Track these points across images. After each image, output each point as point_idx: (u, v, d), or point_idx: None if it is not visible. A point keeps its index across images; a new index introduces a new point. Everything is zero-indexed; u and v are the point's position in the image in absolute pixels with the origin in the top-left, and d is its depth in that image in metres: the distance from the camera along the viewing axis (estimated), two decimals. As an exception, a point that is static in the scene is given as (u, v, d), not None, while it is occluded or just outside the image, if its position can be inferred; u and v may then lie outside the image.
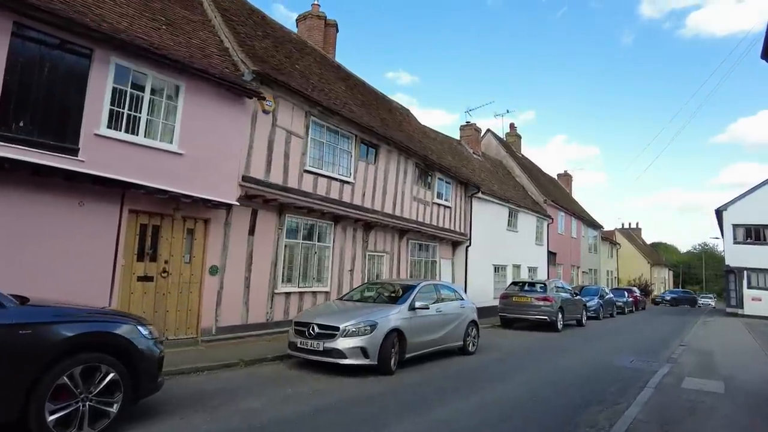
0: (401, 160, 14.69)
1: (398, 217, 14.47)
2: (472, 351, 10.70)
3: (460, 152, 22.46)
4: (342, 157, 12.41)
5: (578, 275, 31.97)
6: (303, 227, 11.82)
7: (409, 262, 16.11)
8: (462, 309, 10.59)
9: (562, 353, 11.51)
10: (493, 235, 20.47)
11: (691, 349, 12.65)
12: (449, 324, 9.99)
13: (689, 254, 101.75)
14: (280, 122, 10.57)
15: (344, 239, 13.07)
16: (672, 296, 46.21)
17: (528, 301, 16.18)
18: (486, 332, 15.37)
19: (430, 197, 16.34)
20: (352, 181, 12.54)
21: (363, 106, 14.64)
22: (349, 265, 13.26)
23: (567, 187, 40.38)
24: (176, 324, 9.18)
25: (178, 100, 8.68)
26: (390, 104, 18.77)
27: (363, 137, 12.98)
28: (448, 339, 9.99)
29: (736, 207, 27.78)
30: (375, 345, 7.93)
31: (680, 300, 45.18)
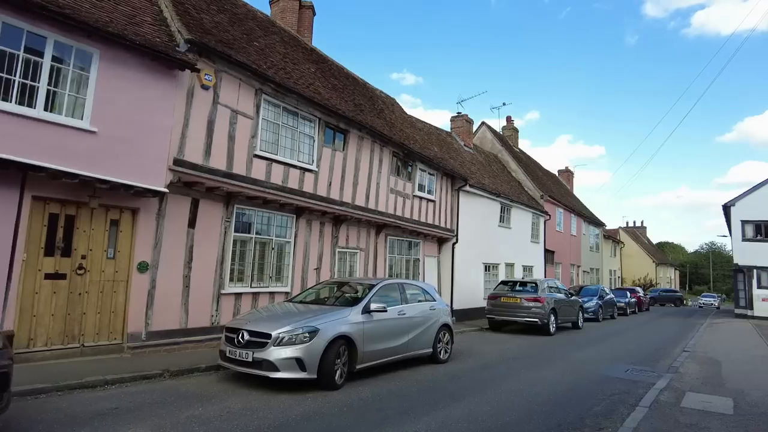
0: (375, 148, 13.40)
1: (372, 210, 13.18)
2: (443, 359, 9.41)
3: (450, 144, 21.15)
4: (303, 142, 11.14)
5: (578, 275, 30.54)
6: (258, 220, 10.57)
7: (388, 260, 14.82)
8: (432, 311, 9.30)
9: (549, 361, 10.19)
10: (484, 232, 19.13)
11: (696, 356, 11.28)
12: (415, 329, 8.71)
13: (696, 254, 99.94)
14: (224, 100, 9.32)
15: (309, 234, 11.81)
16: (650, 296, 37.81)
17: (517, 302, 14.85)
18: (471, 336, 14.09)
19: (411, 190, 15.04)
20: (314, 169, 11.27)
21: (334, 90, 13.38)
22: (315, 263, 11.99)
23: (568, 183, 38.94)
24: (96, 328, 7.96)
25: (90, 70, 7.44)
26: (372, 92, 17.49)
27: (328, 121, 11.71)
28: (414, 346, 8.71)
29: (745, 202, 26.25)
30: (314, 355, 6.67)
31: (660, 299, 41.40)
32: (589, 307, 20.23)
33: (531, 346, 12.60)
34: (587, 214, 34.60)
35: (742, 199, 26.45)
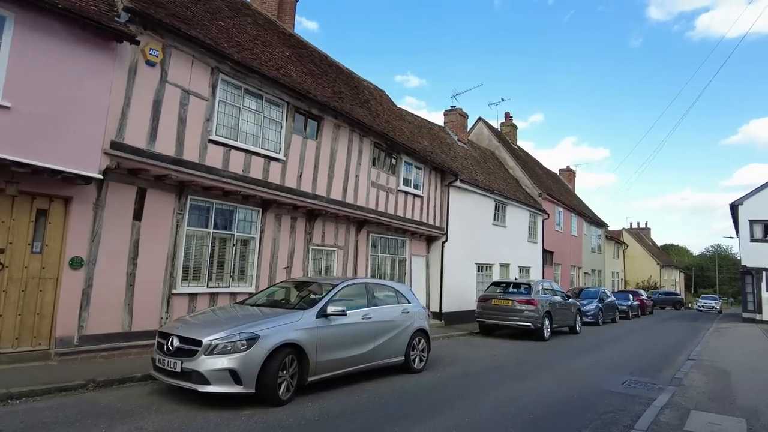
0: (354, 137, 12.41)
1: (350, 205, 12.19)
2: (418, 368, 8.40)
3: (442, 138, 20.14)
4: (269, 128, 10.17)
5: (579, 276, 29.43)
6: (217, 213, 9.60)
7: (371, 259, 13.83)
8: (405, 315, 8.30)
9: (539, 370, 9.16)
10: (476, 230, 18.10)
11: (702, 364, 10.23)
12: (384, 334, 7.72)
13: (702, 257, 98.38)
14: (173, 78, 8.36)
15: (278, 230, 10.83)
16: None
17: (509, 304, 13.81)
18: (458, 341, 13.08)
19: (395, 184, 14.04)
20: (281, 158, 10.29)
21: (311, 75, 12.41)
22: (285, 261, 11.01)
23: (569, 183, 37.84)
24: (15, 332, 7.01)
25: (3, 36, 6.49)
26: (359, 83, 16.53)
27: (299, 106, 10.73)
28: (382, 354, 7.72)
29: (754, 201, 25.08)
30: (252, 366, 5.69)
31: (660, 302, 39.12)
32: (588, 311, 19.16)
33: (522, 352, 11.57)
34: (589, 214, 33.49)
35: (750, 197, 25.29)
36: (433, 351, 10.83)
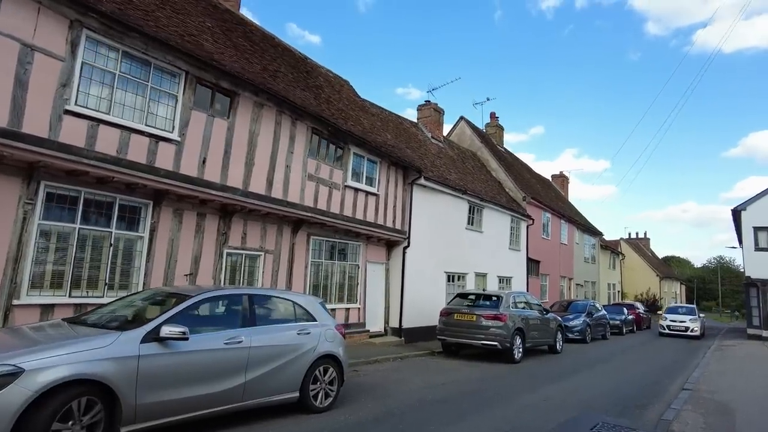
0: (284, 120, 10.48)
1: (277, 200, 10.22)
2: (321, 406, 6.37)
3: (413, 135, 18.23)
4: (157, 101, 8.24)
5: (570, 288, 27.32)
6: (87, 205, 7.65)
7: (312, 266, 11.82)
8: (303, 337, 6.29)
9: (485, 407, 7.12)
10: (447, 235, 16.10)
11: (699, 398, 8.15)
12: (264, 364, 5.72)
13: (704, 269, 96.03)
14: (6, 26, 6.45)
15: (178, 228, 8.87)
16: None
17: (472, 320, 11.77)
18: (411, 364, 11.07)
19: (341, 178, 12.07)
20: (175, 138, 8.35)
21: (236, 49, 10.54)
22: (188, 267, 9.03)
23: (563, 189, 35.88)
24: None
25: None
26: (313, 69, 14.71)
27: (202, 77, 8.81)
28: (261, 390, 5.71)
29: (758, 206, 23.03)
30: (3, 415, 3.70)
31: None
32: (574, 327, 17.08)
33: (480, 379, 9.53)
34: (582, 221, 31.46)
35: (754, 202, 23.25)
36: (373, 377, 8.97)
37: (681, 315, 22.58)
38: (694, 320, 21.84)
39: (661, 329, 22.30)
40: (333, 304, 12.31)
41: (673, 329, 21.76)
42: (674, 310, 23.93)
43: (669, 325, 22.10)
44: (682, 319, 22.01)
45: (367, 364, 10.47)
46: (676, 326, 21.76)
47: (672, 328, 21.86)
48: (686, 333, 21.38)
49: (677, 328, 21.68)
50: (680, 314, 22.71)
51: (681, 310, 23.71)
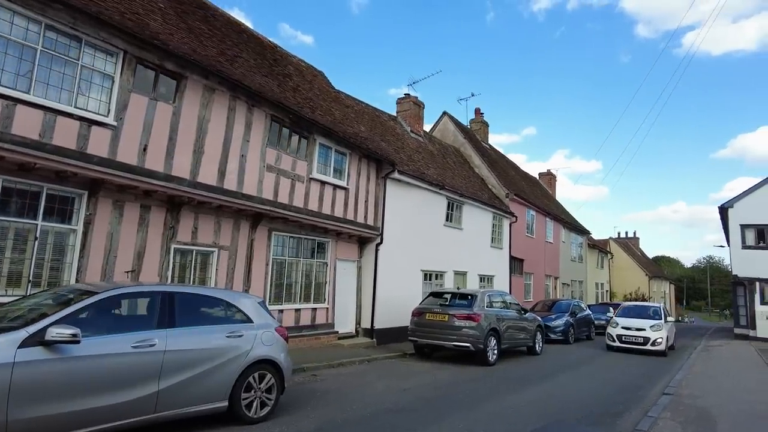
0: (239, 106, 9.77)
1: (231, 192, 9.52)
2: (255, 416, 5.70)
3: (391, 128, 17.57)
4: (90, 82, 7.51)
5: (556, 287, 26.78)
6: (7, 194, 6.92)
7: (274, 264, 11.12)
8: (234, 340, 5.59)
9: (445, 416, 6.46)
10: (424, 232, 15.45)
11: (679, 403, 7.55)
12: (184, 370, 5.04)
13: (694, 268, 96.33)
14: None
15: (118, 221, 8.14)
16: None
17: (444, 320, 11.12)
18: (380, 366, 10.45)
19: (305, 170, 11.37)
20: (110, 123, 7.61)
21: (189, 32, 9.82)
22: (130, 263, 8.30)
23: (550, 187, 35.39)
24: None
25: None
26: (283, 57, 14.02)
27: (144, 57, 8.09)
28: (181, 399, 5.03)
29: (745, 203, 22.60)
30: None
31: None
32: (556, 327, 16.51)
33: (449, 384, 8.87)
34: (569, 219, 30.96)
35: (741, 199, 22.82)
36: (332, 382, 8.37)
37: (639, 320, 15.05)
38: (657, 327, 14.50)
39: (610, 341, 14.99)
40: (298, 304, 11.63)
41: (627, 341, 14.56)
42: (630, 311, 16.03)
43: (620, 335, 14.80)
44: (640, 325, 14.72)
45: (329, 367, 9.80)
46: (630, 337, 14.56)
47: (625, 340, 14.61)
48: (644, 347, 14.27)
49: (632, 340, 14.51)
50: (638, 318, 15.21)
51: (640, 311, 15.86)
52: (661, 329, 14.43)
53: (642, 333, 14.47)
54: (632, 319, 15.21)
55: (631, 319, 15.22)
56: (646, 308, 16.08)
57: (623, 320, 15.25)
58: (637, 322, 14.93)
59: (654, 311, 15.56)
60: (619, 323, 15.14)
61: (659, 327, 14.51)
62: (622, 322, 15.15)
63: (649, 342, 14.26)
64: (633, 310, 16.01)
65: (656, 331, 14.41)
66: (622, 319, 15.36)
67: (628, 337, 14.62)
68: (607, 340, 15.21)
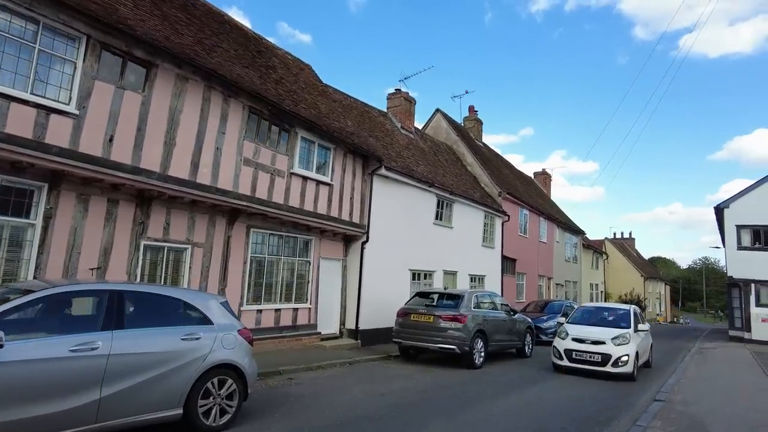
0: (214, 96, 9.35)
1: (204, 186, 9.09)
2: (213, 426, 5.30)
3: (380, 124, 17.17)
4: (49, 68, 7.08)
5: (550, 288, 26.43)
6: (-46, 186, 6.48)
7: (252, 262, 10.70)
8: (191, 343, 5.19)
9: (421, 427, 6.07)
10: (412, 231, 15.05)
11: (672, 411, 7.18)
12: (132, 375, 4.67)
13: (690, 270, 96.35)
14: None
15: (82, 216, 7.71)
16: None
17: (429, 321, 10.73)
18: (362, 369, 10.07)
19: (286, 165, 10.96)
20: (72, 111, 7.19)
21: (164, 19, 9.40)
22: (96, 260, 7.88)
23: (545, 187, 35.04)
24: None
25: None
26: (269, 50, 13.60)
27: (110, 42, 7.66)
28: (129, 407, 4.67)
29: (741, 203, 22.28)
30: None
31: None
32: (547, 328, 16.17)
33: (430, 388, 8.48)
34: (563, 219, 30.61)
35: (737, 200, 22.51)
36: (307, 386, 8.06)
37: (598, 328, 10.89)
38: (621, 340, 10.27)
39: (556, 358, 10.79)
40: (278, 304, 11.22)
41: (579, 359, 10.40)
42: (588, 316, 11.80)
43: (571, 350, 10.57)
44: (598, 335, 10.52)
45: (308, 370, 9.39)
46: (583, 354, 10.37)
47: (577, 357, 10.43)
48: (603, 368, 10.06)
49: (586, 358, 10.32)
50: (597, 326, 11.08)
51: (601, 316, 11.60)
52: (628, 342, 10.14)
53: (600, 348, 10.15)
54: (589, 327, 10.94)
55: (588, 327, 10.94)
56: (609, 312, 11.72)
57: (576, 329, 10.91)
58: (594, 331, 10.62)
59: (621, 316, 11.23)
60: (570, 333, 10.79)
61: (625, 339, 10.18)
62: (575, 331, 10.80)
63: (609, 361, 9.94)
64: (592, 315, 11.76)
65: (620, 345, 10.07)
66: (574, 327, 11.01)
67: (580, 353, 10.32)
68: (552, 356, 10.93)
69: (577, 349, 10.45)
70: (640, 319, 11.67)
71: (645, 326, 11.43)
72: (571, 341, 10.65)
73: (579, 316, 11.92)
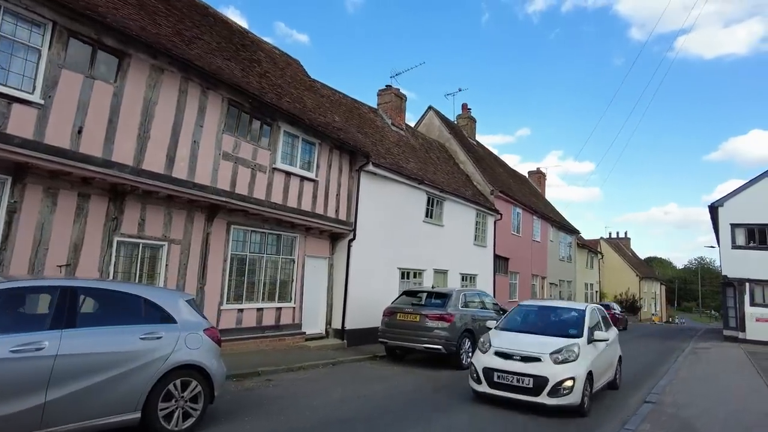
0: (191, 88, 9.04)
1: (181, 181, 8.78)
2: (177, 429, 5.08)
3: (369, 120, 16.88)
4: (11, 55, 6.76)
5: (543, 287, 26.19)
6: None
7: (233, 260, 10.39)
8: (149, 343, 4.91)
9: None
10: (401, 229, 14.77)
11: (661, 412, 6.93)
12: (84, 377, 4.42)
13: (686, 270, 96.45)
14: None
15: (50, 210, 7.40)
16: None
17: (416, 320, 10.45)
18: (345, 370, 9.77)
19: (268, 160, 10.65)
20: (36, 101, 6.87)
21: (140, 8, 9.07)
22: (64, 257, 7.57)
23: (540, 186, 34.81)
24: None
25: None
26: (255, 44, 13.31)
27: (78, 30, 7.35)
28: (80, 411, 4.43)
29: (736, 202, 22.09)
30: None
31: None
32: (539, 328, 15.78)
33: (413, 390, 8.21)
34: (557, 218, 30.39)
35: (731, 198, 22.31)
36: (285, 388, 7.83)
37: (536, 336, 7.45)
38: (565, 355, 6.82)
39: (474, 381, 7.37)
40: (261, 303, 10.92)
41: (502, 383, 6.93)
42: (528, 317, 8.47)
43: (493, 369, 7.03)
44: (531, 348, 7.01)
45: (288, 371, 9.09)
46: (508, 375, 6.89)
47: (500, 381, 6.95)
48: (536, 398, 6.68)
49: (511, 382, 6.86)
50: (535, 333, 7.65)
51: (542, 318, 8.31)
52: (574, 359, 6.76)
53: (533, 368, 6.72)
54: (523, 335, 7.53)
55: (522, 335, 7.53)
56: (557, 313, 8.28)
57: (504, 337, 7.50)
58: (527, 342, 7.17)
59: (570, 321, 7.83)
60: (494, 344, 7.29)
61: (570, 354, 6.80)
62: (501, 341, 7.34)
63: (545, 388, 6.58)
64: (534, 318, 8.30)
65: (563, 363, 6.71)
66: (503, 336, 7.61)
67: (504, 375, 6.87)
68: (470, 379, 7.43)
69: (501, 368, 6.76)
70: (602, 324, 8.28)
71: (607, 334, 7.86)
72: (494, 356, 6.91)
73: (515, 318, 8.27)
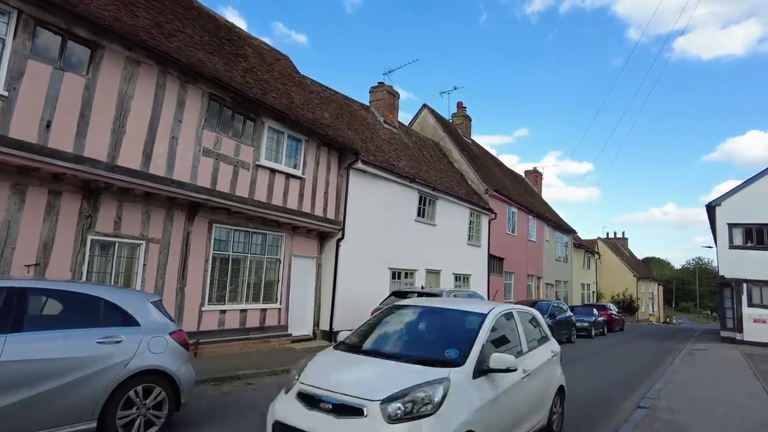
0: (169, 82, 8.74)
1: (158, 177, 8.48)
2: (135, 444, 4.66)
3: (360, 117, 16.59)
4: (-27, 44, 6.47)
5: (539, 287, 25.92)
6: None
7: (215, 259, 10.09)
8: (108, 347, 4.63)
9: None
10: (392, 228, 14.48)
11: (656, 419, 6.65)
12: (31, 385, 4.17)
13: (683, 270, 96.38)
14: None
15: (18, 208, 7.10)
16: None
17: (403, 322, 10.06)
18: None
19: (251, 156, 10.36)
20: (0, 92, 6.57)
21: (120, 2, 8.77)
22: (34, 256, 7.26)
23: (536, 186, 34.57)
24: None
25: None
26: (243, 39, 13.03)
27: (46, 19, 7.06)
28: (27, 421, 4.11)
29: (733, 201, 21.82)
30: None
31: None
32: (533, 329, 15.47)
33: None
34: (553, 218, 30.12)
35: (729, 197, 22.04)
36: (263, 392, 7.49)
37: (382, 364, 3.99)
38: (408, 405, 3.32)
39: None
40: (244, 304, 10.62)
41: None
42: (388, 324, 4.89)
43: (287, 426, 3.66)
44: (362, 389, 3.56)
45: (271, 374, 8.77)
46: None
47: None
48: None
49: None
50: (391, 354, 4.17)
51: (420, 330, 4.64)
52: (428, 411, 3.39)
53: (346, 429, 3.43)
54: (369, 358, 4.22)
55: (368, 358, 4.23)
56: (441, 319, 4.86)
57: (331, 362, 4.34)
58: (362, 373, 3.99)
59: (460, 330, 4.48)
60: (303, 379, 3.99)
61: (421, 401, 3.42)
62: (318, 370, 4.11)
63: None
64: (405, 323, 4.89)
65: (404, 420, 3.33)
66: (332, 358, 4.45)
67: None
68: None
69: (298, 427, 3.63)
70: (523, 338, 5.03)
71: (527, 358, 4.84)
72: (294, 400, 3.87)
73: (374, 326, 5.04)
